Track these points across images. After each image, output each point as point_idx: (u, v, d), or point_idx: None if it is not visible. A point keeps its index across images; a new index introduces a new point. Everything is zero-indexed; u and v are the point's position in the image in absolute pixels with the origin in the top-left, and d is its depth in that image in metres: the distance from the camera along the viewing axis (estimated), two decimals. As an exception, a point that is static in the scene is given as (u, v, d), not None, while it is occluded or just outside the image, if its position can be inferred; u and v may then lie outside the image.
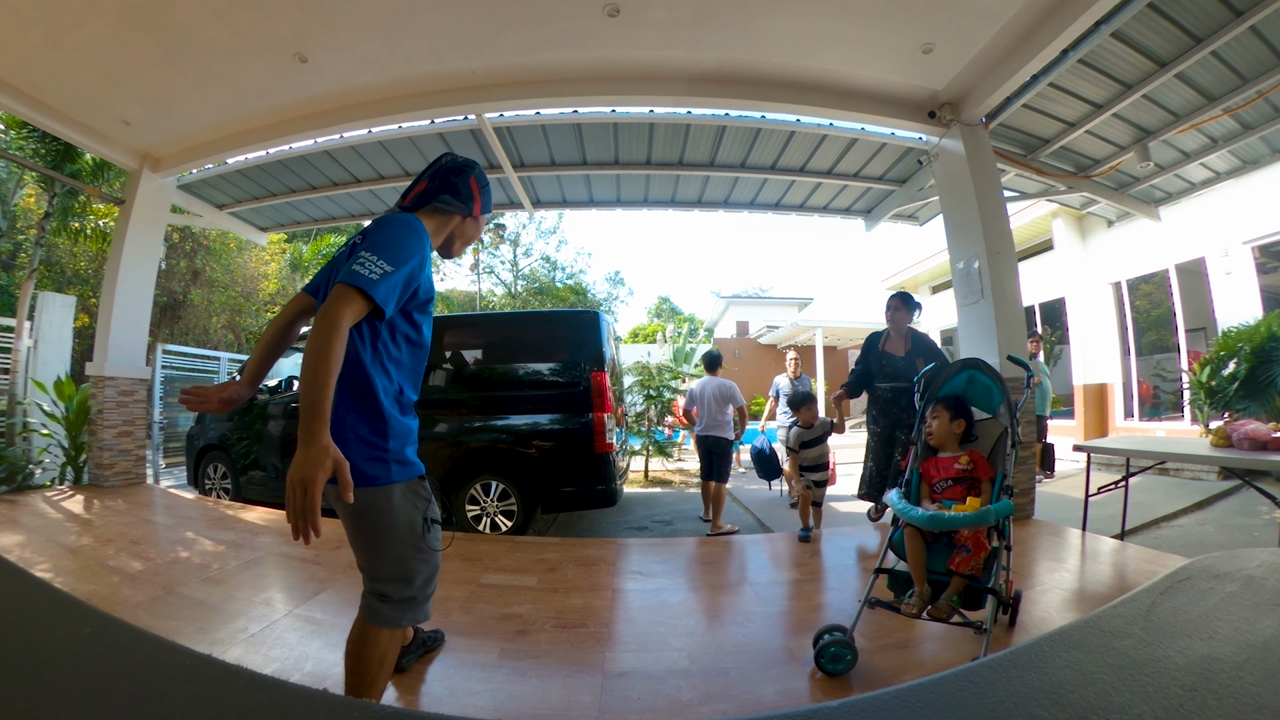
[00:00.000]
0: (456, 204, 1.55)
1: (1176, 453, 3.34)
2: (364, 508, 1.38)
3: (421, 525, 1.45)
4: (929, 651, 2.11)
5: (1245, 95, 4.56)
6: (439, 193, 1.54)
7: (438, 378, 4.74)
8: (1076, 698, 0.41)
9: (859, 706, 0.41)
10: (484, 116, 4.74)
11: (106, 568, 2.95)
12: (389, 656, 1.46)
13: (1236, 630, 0.49)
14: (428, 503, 1.48)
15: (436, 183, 1.55)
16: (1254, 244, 6.43)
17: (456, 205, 1.55)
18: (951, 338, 11.61)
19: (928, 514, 1.97)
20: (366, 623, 1.43)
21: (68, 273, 11.86)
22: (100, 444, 5.25)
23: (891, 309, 4.00)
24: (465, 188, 1.56)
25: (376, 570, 1.44)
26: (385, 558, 1.43)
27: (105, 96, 4.48)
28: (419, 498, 1.46)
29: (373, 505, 1.39)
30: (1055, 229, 8.89)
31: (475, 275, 19.94)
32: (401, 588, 1.43)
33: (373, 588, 1.44)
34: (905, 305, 3.98)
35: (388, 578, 1.43)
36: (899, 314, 3.97)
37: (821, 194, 6.45)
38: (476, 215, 1.60)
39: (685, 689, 1.83)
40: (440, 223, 1.56)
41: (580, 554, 3.38)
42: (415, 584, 1.44)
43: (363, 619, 1.45)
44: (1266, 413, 4.85)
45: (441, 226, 1.56)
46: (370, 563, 1.45)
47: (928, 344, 4.06)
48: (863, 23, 3.67)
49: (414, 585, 1.44)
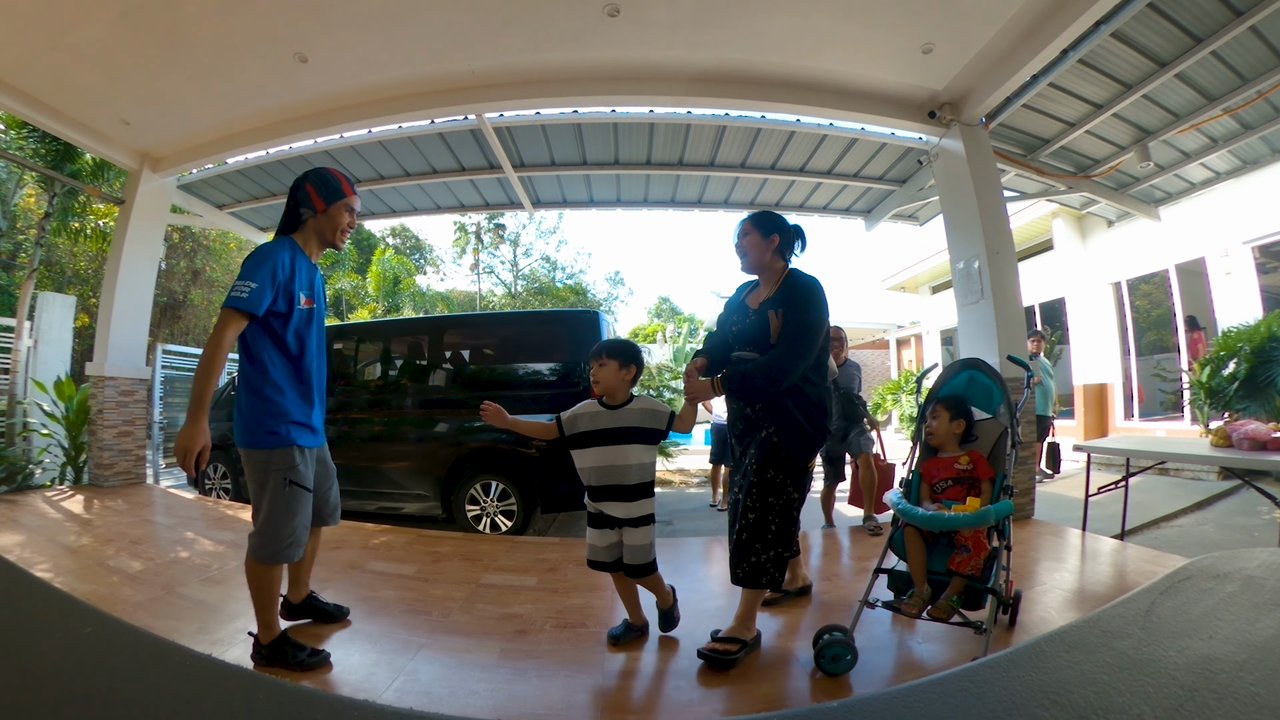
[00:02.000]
0: (305, 209, 1.99)
1: (1176, 453, 3.35)
2: (244, 464, 1.94)
3: (281, 484, 1.91)
4: (929, 651, 2.11)
5: (1245, 95, 4.56)
6: (293, 210, 2.00)
7: (438, 378, 4.74)
8: (1076, 698, 0.41)
9: (859, 706, 0.41)
10: (484, 116, 4.74)
11: (106, 568, 2.95)
12: (263, 582, 1.93)
13: (1236, 630, 0.49)
14: (290, 468, 1.93)
15: (290, 203, 2.01)
16: (1254, 244, 6.43)
17: (306, 210, 1.99)
18: (951, 338, 11.61)
19: (928, 514, 1.97)
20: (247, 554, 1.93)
21: (68, 273, 11.86)
22: (100, 444, 5.25)
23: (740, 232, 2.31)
24: (304, 194, 1.99)
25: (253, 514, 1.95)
26: (254, 505, 1.94)
27: (105, 96, 4.48)
28: (283, 463, 1.92)
29: (249, 462, 1.93)
30: (1055, 229, 8.89)
31: (475, 275, 19.95)
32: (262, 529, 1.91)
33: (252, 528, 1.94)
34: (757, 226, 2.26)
35: (253, 519, 1.94)
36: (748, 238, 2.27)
37: (821, 194, 6.44)
38: (324, 209, 1.99)
39: (685, 689, 1.83)
40: (307, 229, 2.02)
41: (580, 554, 3.35)
42: (269, 529, 1.90)
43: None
44: (1266, 413, 4.84)
45: (309, 230, 2.02)
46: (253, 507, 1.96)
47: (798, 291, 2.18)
48: (863, 23, 3.67)
49: (268, 530, 1.90)
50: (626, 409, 2.07)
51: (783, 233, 2.27)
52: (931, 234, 8.06)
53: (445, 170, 5.96)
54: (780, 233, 2.26)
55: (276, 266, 1.87)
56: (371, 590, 2.73)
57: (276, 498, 1.91)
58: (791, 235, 2.29)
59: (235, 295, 1.81)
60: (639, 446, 2.04)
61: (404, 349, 5.08)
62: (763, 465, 2.07)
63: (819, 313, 2.14)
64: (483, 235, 22.24)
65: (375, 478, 4.59)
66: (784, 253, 2.28)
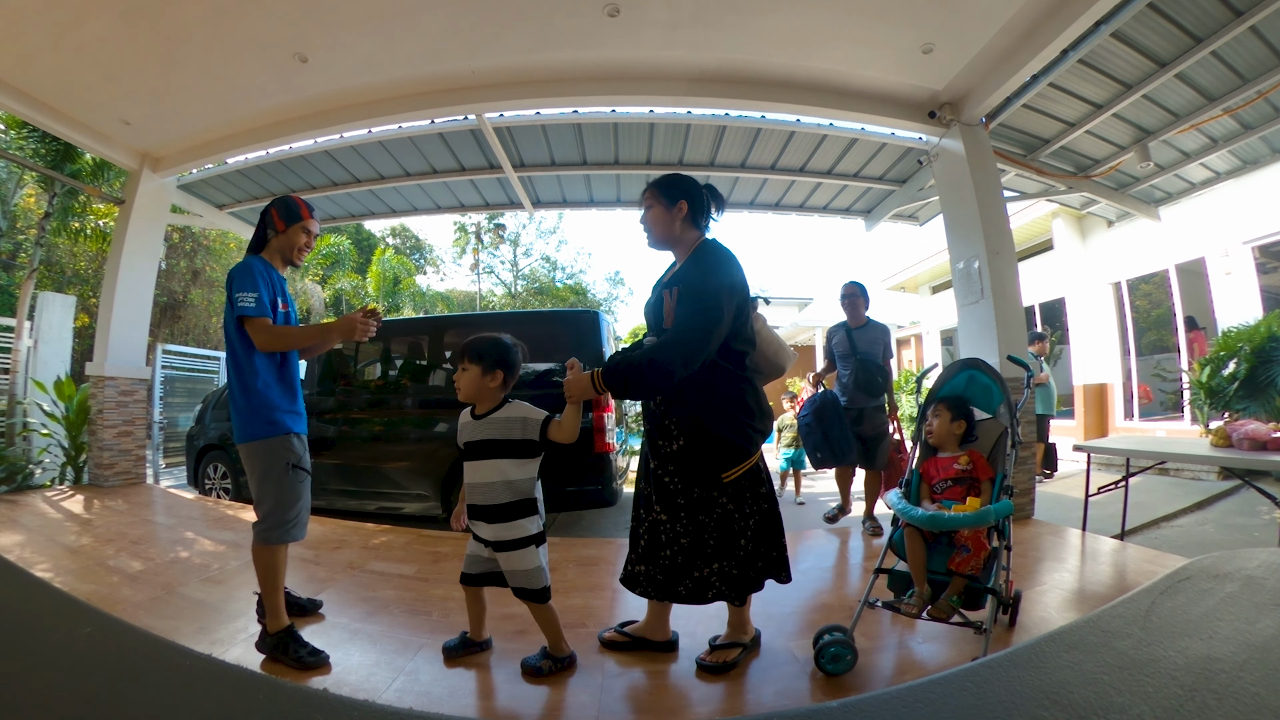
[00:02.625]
0: (270, 230, 2.23)
1: (1176, 453, 3.35)
2: (244, 460, 2.09)
3: (284, 470, 2.07)
4: (929, 651, 2.11)
5: (1245, 95, 4.56)
6: (261, 231, 2.24)
7: (438, 377, 4.74)
8: (1076, 698, 0.41)
9: (859, 706, 0.41)
10: (484, 116, 4.74)
11: (106, 568, 2.95)
12: (271, 564, 2.04)
13: (1236, 630, 0.49)
14: (290, 452, 2.10)
15: (259, 226, 2.25)
16: (1254, 244, 6.43)
17: (270, 230, 2.23)
18: (951, 338, 11.61)
19: (928, 514, 1.97)
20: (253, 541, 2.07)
21: (68, 273, 11.87)
22: (100, 444, 5.25)
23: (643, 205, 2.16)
24: (268, 216, 2.23)
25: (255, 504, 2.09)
26: (257, 495, 2.08)
27: (105, 96, 4.48)
28: (282, 449, 2.08)
29: (250, 455, 2.08)
30: (1055, 229, 8.89)
31: (475, 275, 19.95)
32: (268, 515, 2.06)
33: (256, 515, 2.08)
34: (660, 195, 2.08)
35: (257, 510, 2.08)
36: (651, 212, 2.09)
37: (821, 194, 6.44)
38: (283, 229, 2.21)
39: (685, 689, 1.83)
40: (271, 248, 2.23)
41: (580, 554, 3.38)
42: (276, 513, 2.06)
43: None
44: (1266, 413, 4.84)
45: (273, 249, 2.24)
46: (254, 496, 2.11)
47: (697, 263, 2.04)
48: (863, 23, 3.67)
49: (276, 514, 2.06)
50: (490, 418, 1.86)
51: (691, 197, 1.95)
52: (931, 234, 8.06)
53: (445, 170, 5.96)
54: (688, 198, 1.95)
55: (259, 278, 2.10)
56: (371, 590, 2.73)
57: (281, 482, 2.07)
58: (703, 199, 1.98)
59: (245, 306, 2.03)
60: (505, 461, 1.82)
61: (404, 349, 5.08)
62: (686, 483, 1.86)
63: (718, 285, 1.78)
64: (483, 235, 22.25)
65: (375, 478, 4.59)
66: (697, 221, 1.97)
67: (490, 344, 1.90)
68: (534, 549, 1.86)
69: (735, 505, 1.87)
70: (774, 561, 1.95)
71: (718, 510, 1.87)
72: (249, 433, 2.07)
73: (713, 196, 2.01)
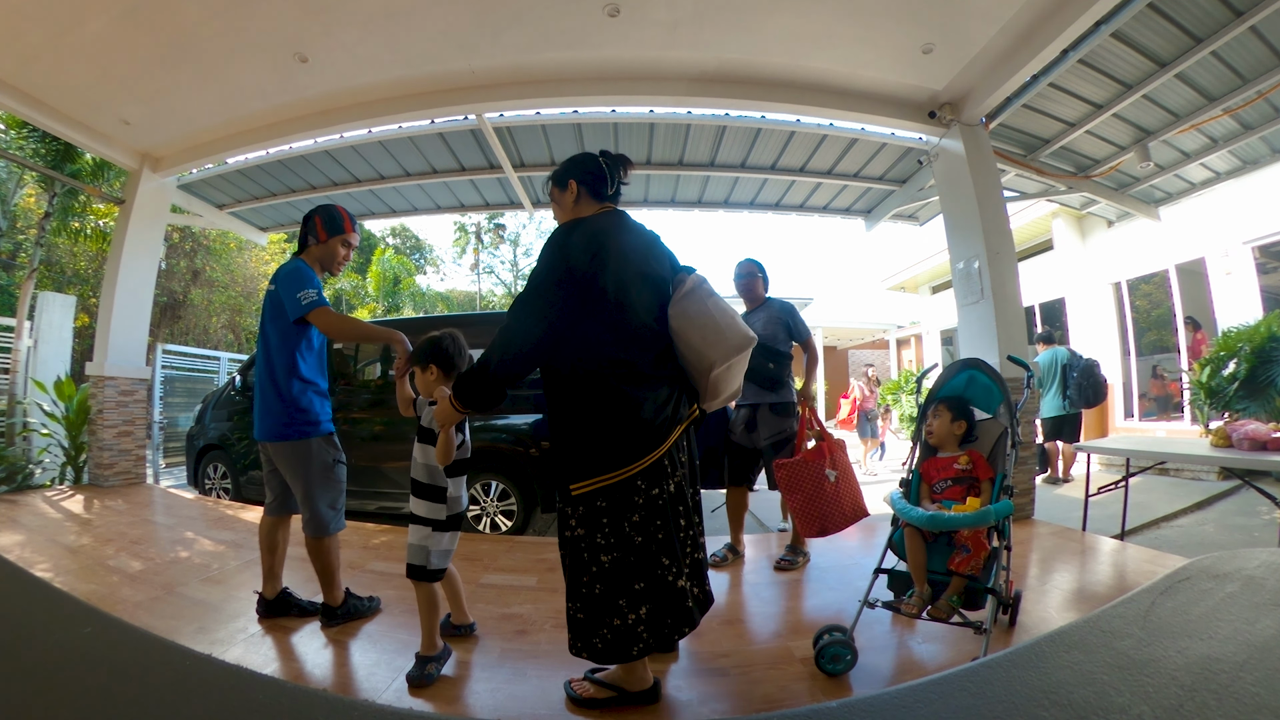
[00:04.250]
0: (311, 238, 2.31)
1: (1176, 453, 3.35)
2: (283, 456, 2.21)
3: (330, 465, 2.24)
4: (929, 651, 2.11)
5: (1245, 95, 4.56)
6: (304, 238, 2.33)
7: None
8: (1076, 698, 0.41)
9: (859, 706, 0.41)
10: (484, 116, 4.74)
11: (106, 568, 2.95)
12: (335, 552, 2.27)
13: (1236, 630, 0.49)
14: (335, 449, 2.27)
15: (303, 230, 2.34)
16: (1254, 244, 6.43)
17: (312, 239, 2.31)
18: (951, 338, 11.62)
19: (927, 514, 1.97)
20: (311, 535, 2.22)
21: (68, 273, 11.87)
22: (100, 444, 5.25)
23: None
24: (311, 224, 2.31)
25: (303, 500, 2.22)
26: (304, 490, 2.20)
27: (105, 96, 4.48)
28: (328, 445, 2.25)
29: (293, 453, 2.20)
30: (1055, 229, 8.88)
31: (475, 275, 19.93)
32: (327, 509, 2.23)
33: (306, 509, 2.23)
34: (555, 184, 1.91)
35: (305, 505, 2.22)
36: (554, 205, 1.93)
37: (821, 194, 6.44)
38: (324, 240, 2.30)
39: (685, 689, 1.83)
40: (311, 254, 2.31)
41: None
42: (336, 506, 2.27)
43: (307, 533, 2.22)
44: (1266, 413, 4.84)
45: (313, 256, 2.32)
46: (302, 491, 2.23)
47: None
48: (863, 23, 3.67)
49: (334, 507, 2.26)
50: (429, 408, 1.93)
51: (582, 174, 1.77)
52: (931, 234, 8.06)
53: (445, 170, 5.96)
54: (578, 175, 1.77)
55: (313, 276, 2.24)
56: (372, 590, 2.72)
57: (330, 477, 2.24)
58: (598, 169, 1.77)
59: (311, 301, 2.13)
60: (430, 447, 1.88)
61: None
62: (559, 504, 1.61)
63: (541, 269, 1.56)
64: (483, 235, 22.26)
65: (375, 478, 4.59)
66: (597, 192, 1.76)
67: (423, 344, 2.03)
68: (430, 531, 1.91)
69: (586, 530, 1.55)
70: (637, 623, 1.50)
71: (566, 532, 1.59)
72: (291, 431, 2.18)
73: (612, 161, 1.79)
